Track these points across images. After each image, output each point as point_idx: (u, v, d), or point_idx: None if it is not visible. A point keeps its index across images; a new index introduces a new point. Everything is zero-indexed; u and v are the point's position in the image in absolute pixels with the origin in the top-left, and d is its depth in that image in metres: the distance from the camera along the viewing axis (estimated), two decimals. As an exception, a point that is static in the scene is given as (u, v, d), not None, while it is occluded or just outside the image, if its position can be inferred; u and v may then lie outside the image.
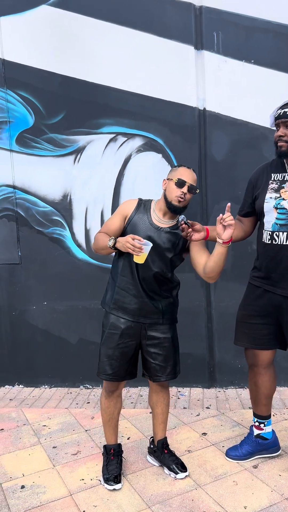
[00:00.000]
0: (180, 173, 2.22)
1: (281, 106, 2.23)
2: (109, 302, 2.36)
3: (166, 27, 3.39)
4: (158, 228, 2.26)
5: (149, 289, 2.29)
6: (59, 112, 3.58)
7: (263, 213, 2.28)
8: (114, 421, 2.45)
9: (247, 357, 2.47)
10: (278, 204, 2.20)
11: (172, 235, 2.27)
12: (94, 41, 3.48)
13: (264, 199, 2.27)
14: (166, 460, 2.48)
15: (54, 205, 3.66)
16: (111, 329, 2.32)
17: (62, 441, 2.88)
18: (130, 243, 2.06)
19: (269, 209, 2.23)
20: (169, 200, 2.22)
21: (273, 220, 2.22)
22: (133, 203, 2.33)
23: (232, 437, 2.82)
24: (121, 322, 2.31)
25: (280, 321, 2.30)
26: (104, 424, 2.46)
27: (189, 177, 2.22)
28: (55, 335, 3.77)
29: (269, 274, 2.28)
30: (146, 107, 3.48)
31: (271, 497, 2.23)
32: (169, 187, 2.23)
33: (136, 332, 2.32)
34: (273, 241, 2.23)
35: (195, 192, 2.23)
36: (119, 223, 2.30)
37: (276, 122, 2.23)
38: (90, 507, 2.22)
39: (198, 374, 3.63)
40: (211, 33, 3.36)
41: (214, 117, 3.42)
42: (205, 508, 2.17)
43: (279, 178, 2.26)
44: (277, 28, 3.32)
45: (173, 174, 2.25)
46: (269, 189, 2.27)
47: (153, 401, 2.50)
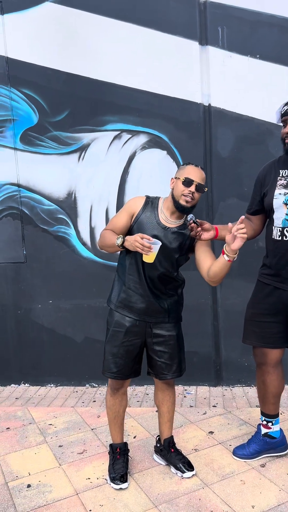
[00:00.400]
0: (188, 172, 2.18)
1: (287, 102, 2.20)
2: (114, 300, 2.34)
3: (170, 23, 3.37)
4: (165, 228, 2.22)
5: (155, 288, 2.27)
6: (63, 109, 3.56)
7: (272, 209, 2.25)
8: (120, 419, 2.43)
9: (256, 356, 2.44)
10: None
11: (180, 235, 2.24)
12: (98, 37, 3.46)
13: (273, 196, 2.23)
14: (172, 459, 2.46)
15: (59, 203, 3.65)
16: (116, 327, 2.30)
17: (68, 440, 2.87)
18: (139, 242, 2.01)
19: (279, 205, 2.20)
20: (177, 199, 2.17)
21: (283, 216, 2.19)
22: (140, 201, 2.28)
23: (239, 436, 2.79)
24: (126, 320, 2.30)
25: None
26: (109, 422, 2.45)
27: (197, 176, 2.17)
28: (60, 333, 3.76)
29: (280, 271, 2.24)
30: (151, 104, 3.45)
31: (279, 496, 2.20)
32: (176, 186, 2.19)
33: (141, 330, 2.30)
34: (284, 238, 2.20)
35: (203, 191, 2.19)
36: (125, 221, 2.26)
37: (282, 119, 2.20)
38: (97, 507, 2.20)
39: (204, 373, 3.61)
40: (216, 28, 3.32)
41: (219, 113, 3.39)
42: (213, 507, 2.15)
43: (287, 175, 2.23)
44: (282, 22, 3.29)
45: (180, 172, 2.21)
46: (278, 185, 2.23)
47: (159, 399, 2.48)
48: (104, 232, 2.28)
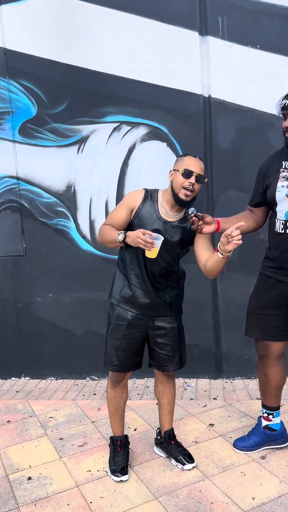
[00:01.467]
0: (187, 163, 2.14)
1: (286, 95, 2.16)
2: (116, 295, 2.33)
3: (170, 13, 3.32)
4: (166, 222, 2.20)
5: (157, 282, 2.26)
6: (62, 101, 3.53)
7: (275, 202, 2.22)
8: (120, 411, 2.43)
9: (258, 348, 2.43)
10: None
11: (180, 229, 2.22)
12: (97, 28, 3.42)
13: (276, 188, 2.21)
14: (173, 451, 2.47)
15: (58, 196, 3.63)
16: (118, 320, 2.30)
17: (68, 433, 2.88)
18: (141, 238, 1.98)
19: (282, 198, 2.18)
20: (176, 192, 2.14)
21: (286, 209, 2.17)
22: (139, 195, 2.24)
23: (239, 428, 2.79)
24: (128, 314, 2.29)
25: None
26: (110, 415, 2.45)
27: (196, 166, 2.14)
28: (60, 327, 3.76)
29: (283, 264, 2.22)
30: (150, 95, 3.42)
31: (279, 488, 2.20)
32: (175, 178, 2.15)
33: (143, 323, 2.29)
34: (287, 231, 2.18)
35: (203, 181, 2.16)
36: (125, 216, 2.23)
37: (283, 112, 2.17)
38: (97, 499, 2.21)
39: (205, 365, 3.61)
40: (216, 18, 3.28)
41: (219, 105, 3.36)
42: (213, 499, 2.15)
43: None
44: (283, 12, 3.25)
45: (179, 164, 2.18)
46: (281, 177, 2.21)
47: (159, 391, 2.48)
48: (104, 227, 2.25)
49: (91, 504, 2.17)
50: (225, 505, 2.10)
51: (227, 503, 2.12)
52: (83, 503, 2.19)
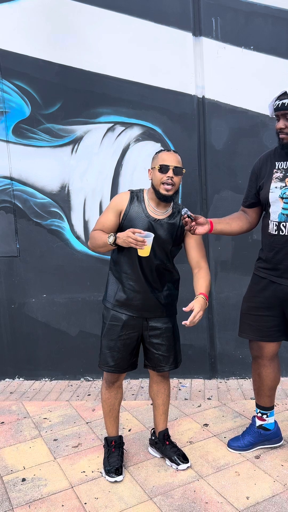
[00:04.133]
0: (162, 158, 2.16)
1: (278, 96, 2.15)
2: (111, 299, 2.31)
3: (163, 14, 3.33)
4: (155, 220, 2.21)
5: (152, 282, 2.26)
6: (56, 101, 3.52)
7: (268, 203, 2.22)
8: (115, 412, 2.43)
9: (252, 349, 2.44)
10: (284, 194, 2.15)
11: (170, 225, 2.23)
12: (91, 28, 3.42)
13: (269, 189, 2.21)
14: (167, 451, 2.47)
15: (52, 197, 3.62)
16: (113, 321, 2.29)
17: (63, 434, 2.87)
18: (132, 237, 1.99)
19: (275, 199, 2.18)
20: (157, 189, 2.16)
21: (279, 211, 2.17)
22: (125, 197, 2.25)
23: (234, 428, 2.80)
24: (123, 315, 2.29)
25: (285, 312, 2.27)
26: (105, 416, 2.45)
27: (172, 160, 2.15)
28: (55, 327, 3.75)
29: (277, 265, 2.23)
30: (144, 96, 3.42)
31: (273, 487, 2.21)
32: (154, 176, 2.18)
33: (138, 323, 2.29)
34: (280, 232, 2.18)
35: (181, 173, 2.18)
36: (114, 219, 2.23)
37: (275, 113, 2.16)
38: (92, 499, 2.20)
39: (199, 365, 3.61)
40: (210, 19, 3.29)
41: (213, 105, 3.37)
42: (207, 499, 2.16)
43: (284, 167, 2.20)
44: (276, 13, 3.26)
45: (155, 162, 2.20)
46: (274, 178, 2.21)
47: (154, 392, 2.48)
48: (94, 233, 2.24)
49: (85, 505, 2.17)
50: (220, 505, 2.11)
51: (221, 502, 2.12)
52: (78, 504, 2.18)
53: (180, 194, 3.48)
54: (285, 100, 2.08)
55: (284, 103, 2.08)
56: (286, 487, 2.20)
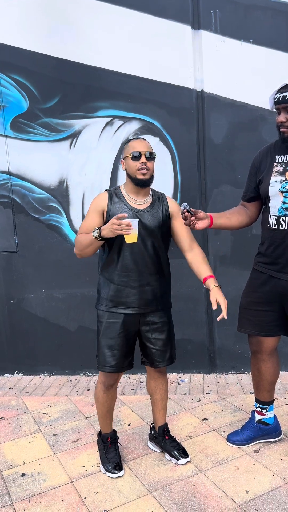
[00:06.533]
0: (133, 147, 2.20)
1: (279, 89, 2.12)
2: (105, 301, 2.29)
3: (162, 6, 3.30)
4: (139, 211, 2.23)
5: (146, 275, 2.25)
6: (54, 96, 3.50)
7: (268, 197, 2.21)
8: (112, 411, 2.43)
9: (251, 344, 2.43)
10: (284, 188, 2.13)
11: (154, 212, 2.26)
12: (89, 21, 3.39)
13: (269, 183, 2.19)
14: (167, 446, 2.47)
15: (51, 191, 3.60)
16: (111, 318, 2.27)
17: (62, 429, 2.87)
18: (116, 223, 2.00)
19: (275, 193, 2.16)
20: (133, 176, 2.19)
21: (279, 205, 2.15)
22: (104, 196, 2.26)
23: (233, 422, 2.80)
24: (120, 314, 2.27)
25: (285, 307, 2.26)
26: (101, 417, 2.42)
27: (142, 147, 2.19)
28: (54, 323, 3.75)
29: (277, 260, 2.22)
30: (143, 90, 3.40)
31: (273, 481, 2.22)
32: (128, 166, 2.21)
33: (136, 319, 2.28)
34: (280, 226, 2.17)
35: (154, 158, 2.21)
36: (98, 220, 2.23)
37: (276, 107, 2.14)
38: (91, 494, 2.21)
39: (198, 360, 3.61)
40: (209, 11, 3.27)
41: (212, 99, 3.35)
42: (207, 493, 2.16)
43: (284, 161, 2.18)
44: (276, 6, 3.24)
45: (126, 151, 2.23)
46: (274, 172, 2.19)
47: (152, 387, 2.48)
48: (79, 237, 2.24)
49: (85, 499, 2.17)
50: (219, 499, 2.11)
51: (221, 496, 2.13)
52: (77, 498, 2.19)
53: (179, 189, 3.47)
54: (286, 93, 2.06)
55: (285, 96, 2.06)
56: (285, 481, 2.21)
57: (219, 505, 2.07)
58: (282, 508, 2.03)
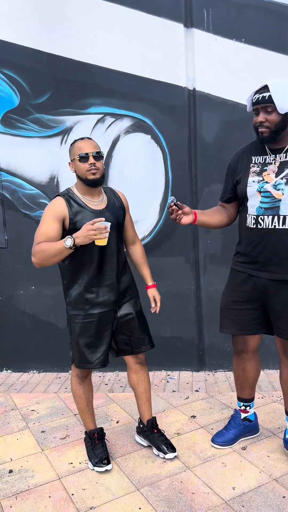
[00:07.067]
0: (79, 148, 2.18)
1: (258, 90, 2.13)
2: (77, 304, 2.27)
3: (155, 4, 3.30)
4: (101, 211, 2.24)
5: (114, 270, 2.28)
6: (45, 91, 3.48)
7: (246, 197, 2.22)
8: (91, 405, 2.44)
9: (237, 344, 2.44)
10: (262, 188, 2.14)
11: (112, 210, 2.30)
12: (81, 17, 3.37)
13: (247, 183, 2.20)
14: (155, 440, 2.48)
15: (41, 188, 3.59)
16: (86, 318, 2.27)
17: (50, 426, 2.87)
18: (93, 228, 1.99)
19: (253, 193, 2.18)
20: (84, 177, 2.18)
21: (257, 204, 2.17)
22: (61, 202, 2.18)
23: (221, 420, 2.82)
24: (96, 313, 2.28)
25: (265, 305, 2.28)
26: (82, 412, 2.43)
27: (88, 147, 2.18)
28: (43, 320, 3.73)
29: (255, 259, 2.23)
30: (135, 87, 3.40)
31: (259, 478, 2.24)
32: (77, 167, 2.20)
33: (111, 315, 2.31)
34: (258, 225, 2.18)
35: (102, 157, 2.22)
36: (58, 227, 2.16)
37: (254, 107, 2.14)
38: (79, 491, 2.21)
39: (187, 358, 3.63)
40: (201, 10, 3.27)
41: (204, 98, 3.36)
42: (194, 489, 2.18)
43: (261, 161, 2.20)
44: (268, 6, 3.25)
45: (72, 153, 2.22)
46: (251, 172, 2.20)
47: (134, 381, 2.50)
48: (40, 246, 2.11)
49: (72, 496, 2.17)
50: (206, 495, 2.13)
51: (208, 493, 2.14)
52: (65, 495, 2.19)
53: (170, 186, 3.47)
54: (265, 94, 2.07)
55: (265, 96, 2.06)
56: (272, 478, 2.23)
57: (206, 501, 2.09)
58: (268, 504, 2.05)
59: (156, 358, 3.61)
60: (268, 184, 2.13)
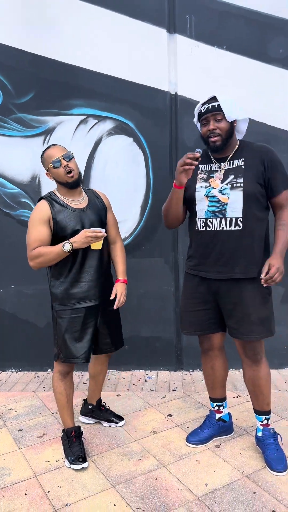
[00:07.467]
0: (50, 156, 2.30)
1: (206, 101, 2.26)
2: (63, 300, 2.38)
3: (139, 9, 3.35)
4: (82, 210, 2.36)
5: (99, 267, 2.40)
6: (29, 91, 3.49)
7: (194, 201, 2.34)
8: (71, 403, 2.49)
9: (203, 343, 2.54)
10: (209, 193, 2.27)
11: (94, 208, 2.42)
12: (66, 19, 3.39)
13: (195, 189, 2.33)
14: (104, 415, 2.79)
15: (23, 187, 3.60)
16: (74, 314, 2.37)
17: (28, 424, 2.88)
18: (91, 236, 2.19)
19: (201, 197, 2.30)
20: (64, 181, 2.31)
21: (206, 208, 2.30)
22: (45, 205, 2.31)
23: (196, 418, 2.88)
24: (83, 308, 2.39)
25: (219, 305, 2.39)
26: (61, 409, 2.47)
27: (58, 152, 2.30)
28: (22, 319, 3.74)
29: (205, 260, 2.34)
30: (118, 90, 3.44)
31: (231, 474, 2.30)
32: (54, 174, 2.32)
33: (96, 311, 2.43)
34: (207, 228, 2.30)
35: (72, 156, 2.33)
36: (47, 230, 2.29)
37: (204, 117, 2.25)
38: (55, 488, 2.24)
39: (165, 358, 3.68)
40: (184, 16, 3.33)
41: (185, 102, 3.42)
42: (168, 486, 2.23)
43: (207, 169, 2.33)
44: (248, 14, 3.33)
45: (45, 163, 2.33)
46: (199, 179, 2.33)
47: (97, 371, 2.70)
48: (37, 251, 2.26)
49: (48, 493, 2.20)
50: (180, 492, 2.18)
51: (181, 489, 2.20)
52: (41, 492, 2.21)
53: (151, 189, 3.52)
54: (214, 103, 2.21)
55: (214, 105, 2.20)
56: (243, 474, 2.30)
57: (179, 497, 2.14)
58: (239, 500, 2.11)
59: (135, 358, 3.66)
60: (214, 189, 2.26)
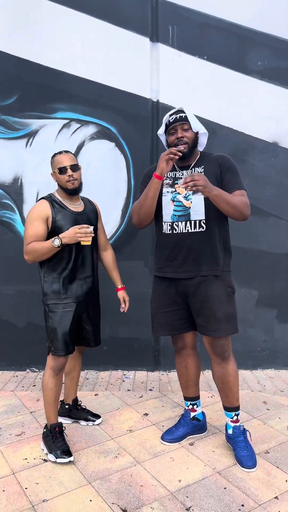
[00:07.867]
0: (58, 162, 2.47)
1: (174, 112, 2.41)
2: (58, 295, 2.50)
3: (123, 17, 3.42)
4: (78, 213, 2.53)
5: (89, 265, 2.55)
6: (12, 94, 3.53)
7: (161, 205, 2.45)
8: (58, 399, 2.57)
9: (176, 343, 2.64)
10: (175, 198, 2.40)
11: (89, 212, 2.60)
12: (51, 25, 3.44)
13: (162, 193, 2.45)
14: (81, 414, 2.87)
15: (4, 188, 3.63)
16: (65, 308, 2.50)
17: (6, 423, 2.92)
18: (81, 232, 2.31)
19: (167, 202, 2.43)
20: (64, 187, 2.48)
21: (171, 212, 2.41)
22: (45, 204, 2.46)
23: (172, 417, 2.97)
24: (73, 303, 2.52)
25: (189, 305, 2.48)
26: (48, 405, 2.53)
27: (66, 160, 2.46)
28: (2, 319, 3.76)
29: (172, 261, 2.45)
30: (101, 95, 3.50)
31: (204, 471, 2.40)
32: (57, 178, 2.49)
33: (84, 305, 2.57)
34: (174, 231, 2.42)
35: (78, 168, 2.51)
36: (44, 227, 2.44)
37: (172, 126, 2.38)
38: (33, 485, 2.29)
39: (143, 358, 3.76)
40: (167, 26, 3.42)
41: (167, 109, 3.49)
42: (143, 482, 2.31)
43: (172, 176, 2.46)
44: (229, 27, 3.44)
45: (53, 166, 2.50)
46: (165, 184, 2.45)
47: (71, 366, 2.82)
48: (32, 245, 2.40)
49: (26, 490, 2.25)
50: (154, 487, 2.26)
51: (155, 485, 2.28)
52: (18, 489, 2.26)
53: (132, 193, 3.59)
54: (182, 114, 2.37)
55: (182, 116, 2.36)
56: (215, 471, 2.39)
57: (153, 493, 2.22)
58: (210, 495, 2.20)
59: (113, 358, 3.73)
60: (180, 195, 2.39)
